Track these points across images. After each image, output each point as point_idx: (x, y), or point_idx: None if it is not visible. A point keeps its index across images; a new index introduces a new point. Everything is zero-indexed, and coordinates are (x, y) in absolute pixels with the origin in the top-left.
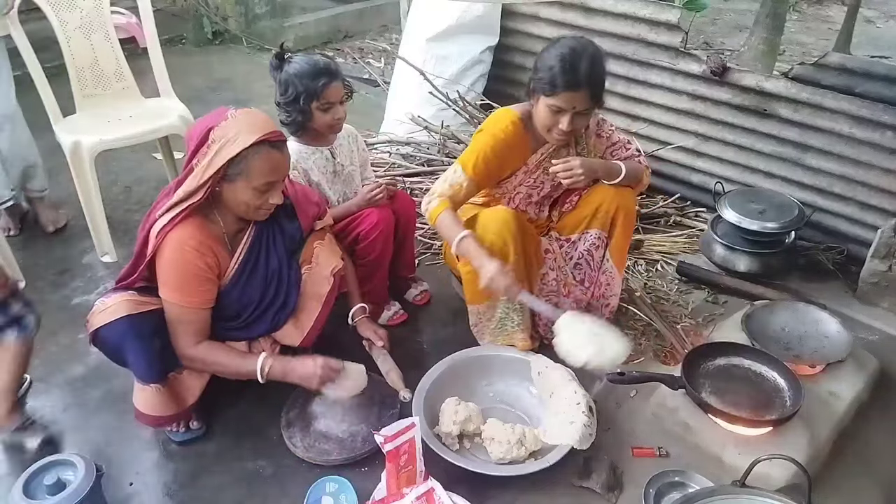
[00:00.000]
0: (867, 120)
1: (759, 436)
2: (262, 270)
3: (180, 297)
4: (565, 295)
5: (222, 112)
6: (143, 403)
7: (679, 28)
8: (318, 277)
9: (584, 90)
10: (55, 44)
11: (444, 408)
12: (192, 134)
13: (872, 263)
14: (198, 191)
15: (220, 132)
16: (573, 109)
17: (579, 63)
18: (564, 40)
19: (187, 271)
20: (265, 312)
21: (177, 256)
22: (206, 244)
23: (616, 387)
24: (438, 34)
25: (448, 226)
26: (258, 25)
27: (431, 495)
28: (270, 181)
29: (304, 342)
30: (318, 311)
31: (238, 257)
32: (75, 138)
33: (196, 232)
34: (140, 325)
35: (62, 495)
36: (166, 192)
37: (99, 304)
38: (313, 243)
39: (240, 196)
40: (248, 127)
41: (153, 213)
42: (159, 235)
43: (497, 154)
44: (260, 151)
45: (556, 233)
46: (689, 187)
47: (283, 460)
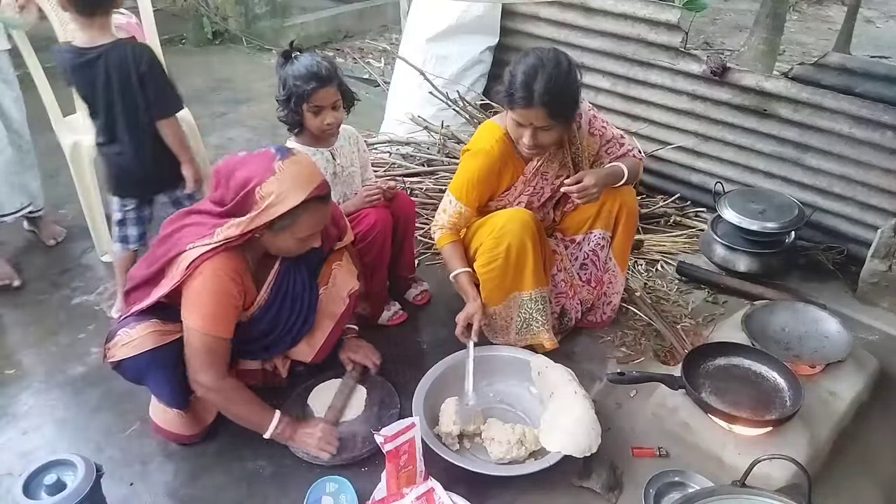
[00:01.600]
0: (867, 120)
1: (759, 436)
2: (289, 299)
3: (213, 327)
4: (571, 297)
5: (269, 161)
6: (164, 422)
7: (679, 28)
8: (335, 298)
9: (537, 108)
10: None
11: (444, 408)
12: (229, 174)
13: (872, 263)
14: (238, 239)
15: (269, 188)
16: (531, 125)
17: (534, 81)
18: (532, 54)
19: (223, 302)
20: (286, 335)
21: (213, 287)
22: (239, 274)
23: (616, 387)
24: (438, 34)
25: (450, 257)
26: (258, 25)
27: (431, 495)
28: (316, 232)
29: (315, 359)
30: (330, 330)
31: (266, 290)
32: (75, 138)
33: (229, 262)
34: (165, 357)
35: (62, 495)
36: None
37: (122, 335)
38: (332, 264)
39: (280, 244)
40: (298, 184)
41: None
42: (192, 264)
43: (485, 177)
44: (311, 208)
45: (559, 234)
46: (689, 187)
47: (282, 460)
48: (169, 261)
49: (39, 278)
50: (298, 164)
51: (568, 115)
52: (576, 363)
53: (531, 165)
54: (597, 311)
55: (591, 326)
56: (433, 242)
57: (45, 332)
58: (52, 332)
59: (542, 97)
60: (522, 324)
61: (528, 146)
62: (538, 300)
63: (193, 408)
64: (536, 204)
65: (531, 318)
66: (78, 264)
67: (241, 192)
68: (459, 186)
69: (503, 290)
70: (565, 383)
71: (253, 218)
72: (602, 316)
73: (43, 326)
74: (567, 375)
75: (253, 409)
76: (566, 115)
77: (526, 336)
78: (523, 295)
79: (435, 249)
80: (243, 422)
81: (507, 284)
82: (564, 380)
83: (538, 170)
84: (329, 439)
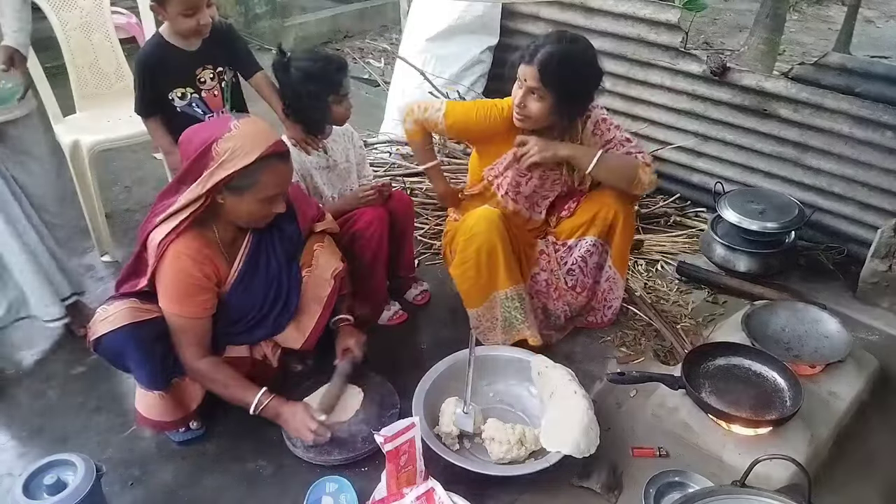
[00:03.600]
0: (867, 120)
1: (758, 436)
2: (263, 275)
3: (179, 308)
4: (555, 298)
5: (225, 122)
6: (145, 408)
7: (679, 28)
8: (319, 280)
9: (533, 67)
10: (55, 43)
11: (444, 408)
12: (190, 140)
13: (872, 263)
14: (197, 200)
15: (226, 144)
16: (525, 83)
17: (544, 45)
18: (563, 32)
19: (185, 283)
20: (266, 316)
21: (174, 269)
22: (204, 253)
23: (616, 387)
24: (438, 34)
25: (417, 149)
26: (258, 25)
27: (431, 495)
28: (277, 193)
29: (306, 345)
30: (318, 314)
31: (238, 264)
32: (75, 138)
33: (193, 242)
34: (142, 334)
35: (62, 495)
36: (163, 195)
37: (100, 311)
38: (313, 246)
39: (244, 207)
40: (256, 140)
41: (152, 219)
42: (159, 248)
43: (480, 119)
44: (269, 164)
45: (552, 237)
46: (689, 187)
47: (282, 460)
48: (143, 243)
49: None
50: (254, 123)
51: (563, 89)
52: (576, 363)
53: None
54: (597, 314)
55: (591, 327)
56: (433, 243)
57: (46, 331)
58: (53, 332)
59: (541, 58)
60: (505, 322)
61: (517, 104)
62: (514, 297)
63: (175, 392)
64: (524, 188)
65: (511, 316)
66: (78, 264)
67: (199, 151)
68: (455, 108)
69: (480, 289)
70: (565, 383)
71: (210, 175)
72: (602, 318)
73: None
74: (567, 375)
75: (237, 385)
76: (561, 89)
77: (511, 334)
78: (500, 293)
79: (435, 249)
80: (230, 398)
81: (482, 284)
82: (564, 380)
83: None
84: (308, 421)
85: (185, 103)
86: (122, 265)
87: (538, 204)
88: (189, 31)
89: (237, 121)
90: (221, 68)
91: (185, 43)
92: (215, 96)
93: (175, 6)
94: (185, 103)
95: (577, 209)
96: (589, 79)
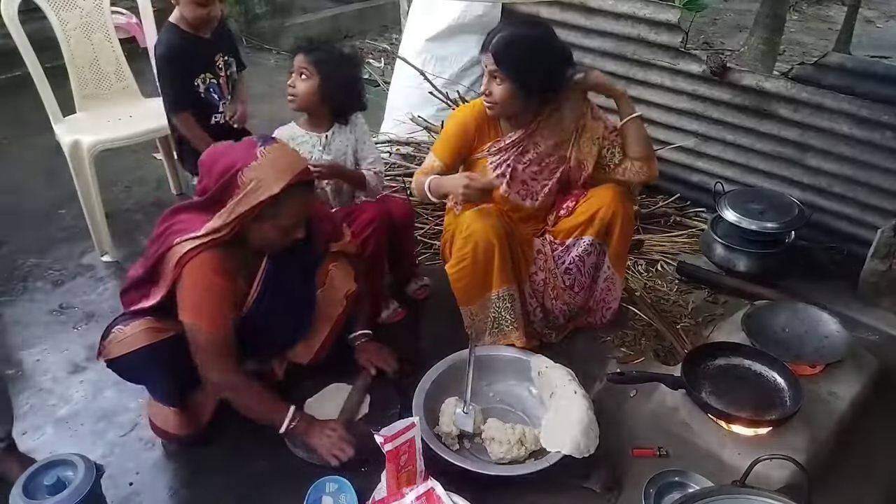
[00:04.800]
0: (867, 120)
1: (758, 436)
2: (280, 298)
3: (207, 322)
4: (553, 298)
5: (251, 148)
6: (160, 420)
7: (679, 28)
8: (332, 300)
9: (489, 53)
10: (55, 44)
11: (444, 408)
12: (214, 162)
13: (872, 263)
14: (223, 228)
15: (251, 174)
16: (486, 69)
17: (499, 32)
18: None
19: (213, 294)
20: (281, 335)
21: (202, 283)
22: (226, 268)
23: (616, 387)
24: (438, 34)
25: (418, 184)
26: (258, 25)
27: (431, 495)
28: (299, 221)
29: (313, 360)
30: (327, 332)
31: (257, 286)
32: (75, 138)
33: (216, 257)
34: (160, 354)
35: (62, 495)
36: (179, 210)
37: (117, 332)
38: (328, 266)
39: (265, 234)
40: (281, 170)
41: (168, 235)
42: (180, 261)
43: (458, 132)
44: (293, 195)
45: (550, 236)
46: (689, 187)
47: (283, 460)
48: (159, 258)
49: (40, 278)
50: (280, 151)
51: (519, 71)
52: (576, 363)
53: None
54: (595, 314)
55: (590, 327)
56: (433, 243)
57: (46, 332)
58: (53, 333)
59: (495, 44)
60: (493, 323)
61: (483, 91)
62: (505, 298)
63: (189, 406)
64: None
65: (500, 317)
66: (78, 264)
67: (224, 178)
68: (440, 142)
69: (475, 288)
70: (565, 383)
71: (235, 205)
72: (601, 319)
73: (43, 326)
74: (567, 375)
75: (266, 404)
76: (517, 70)
77: (498, 336)
78: (491, 293)
79: (435, 249)
80: (257, 417)
81: (477, 283)
82: (564, 380)
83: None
84: (344, 445)
85: (205, 88)
86: (121, 265)
87: (534, 191)
88: (200, 20)
89: (264, 147)
90: (227, 57)
91: (200, 31)
92: (224, 83)
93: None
94: (205, 88)
95: (575, 208)
96: (547, 58)
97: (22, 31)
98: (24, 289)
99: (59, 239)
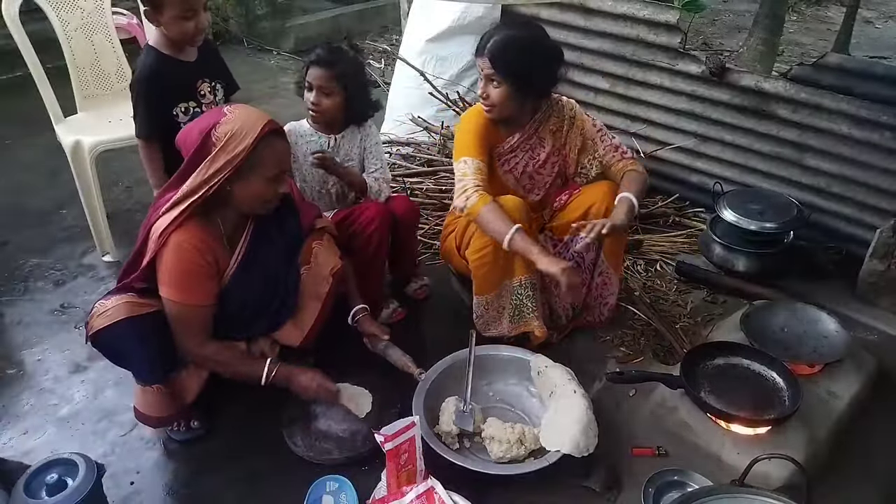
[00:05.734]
0: (866, 120)
1: (757, 435)
2: (261, 269)
3: (181, 295)
4: (557, 295)
5: (218, 111)
6: (143, 404)
7: (678, 29)
8: (317, 278)
9: (485, 57)
10: (56, 44)
11: (444, 407)
12: (185, 138)
13: (871, 263)
14: (201, 187)
15: (224, 128)
16: (482, 73)
17: (493, 35)
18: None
19: (188, 269)
20: (264, 311)
21: (177, 255)
22: (206, 242)
23: (615, 386)
24: (438, 35)
25: (495, 218)
26: (258, 26)
27: (431, 494)
28: (283, 170)
29: (304, 342)
30: (317, 311)
31: (237, 255)
32: (76, 138)
33: (195, 231)
34: (140, 327)
35: (63, 494)
36: (164, 190)
37: (98, 306)
38: (312, 243)
39: (253, 190)
40: (252, 120)
41: (154, 214)
42: (160, 237)
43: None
44: (269, 142)
45: (549, 232)
46: (688, 187)
47: (283, 459)
48: (145, 238)
49: (41, 278)
50: (246, 108)
51: (516, 73)
52: (575, 363)
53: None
54: (594, 311)
55: (589, 326)
56: (433, 243)
57: (47, 331)
58: (54, 332)
59: (491, 47)
60: (514, 311)
61: (480, 95)
62: (527, 286)
63: (172, 387)
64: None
65: (522, 305)
66: (79, 264)
67: (197, 142)
68: (465, 145)
69: (495, 276)
70: (565, 383)
71: (211, 161)
72: (600, 316)
73: (44, 326)
74: (566, 375)
75: (244, 362)
76: (514, 72)
77: (518, 324)
78: (513, 281)
79: (435, 249)
80: (241, 374)
81: (498, 271)
82: (564, 379)
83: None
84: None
85: (187, 118)
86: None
87: (539, 185)
88: (186, 35)
89: (229, 107)
90: (215, 82)
91: (182, 54)
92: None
93: (173, 8)
94: (187, 118)
95: (569, 202)
96: (542, 58)
97: (23, 31)
98: (26, 289)
99: (61, 239)
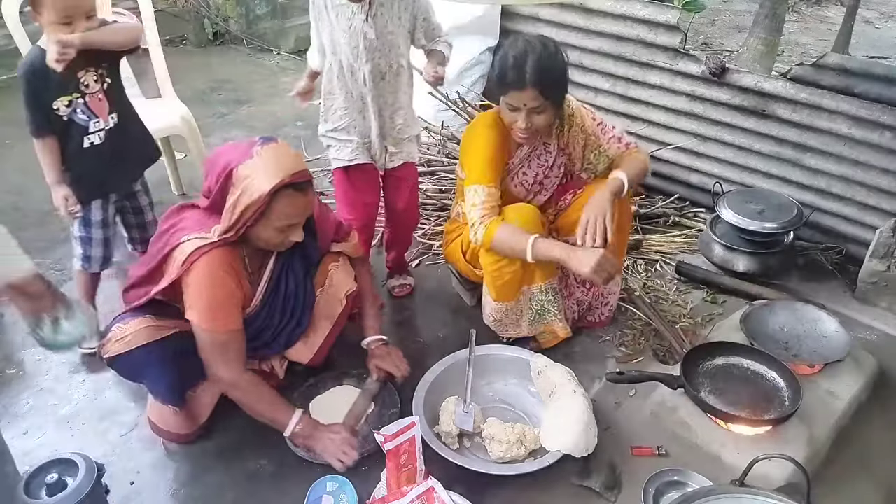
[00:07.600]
0: (866, 120)
1: (757, 435)
2: (282, 297)
3: (217, 323)
4: (567, 297)
5: (249, 147)
6: (160, 419)
7: (678, 29)
8: (332, 299)
9: (530, 89)
10: None
11: (444, 407)
12: (214, 162)
13: (871, 263)
14: (231, 230)
15: (245, 171)
16: (525, 107)
17: (525, 62)
18: (520, 39)
19: (222, 294)
20: (280, 334)
21: (210, 282)
22: (234, 268)
23: (615, 386)
24: None
25: (510, 237)
26: (259, 26)
27: (431, 494)
28: (292, 223)
29: (314, 361)
30: (328, 332)
31: (263, 288)
32: None
33: (224, 257)
34: (160, 353)
35: (63, 494)
36: (177, 210)
37: (116, 330)
38: (328, 265)
39: (261, 234)
40: (272, 170)
41: (173, 232)
42: (188, 260)
43: (496, 149)
44: (283, 195)
45: (555, 233)
46: (688, 187)
47: (283, 459)
48: (165, 257)
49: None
50: (275, 151)
51: (559, 96)
52: (575, 363)
53: (518, 155)
54: (595, 311)
55: (590, 326)
56: (433, 243)
57: None
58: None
59: (533, 77)
60: (535, 315)
61: (523, 129)
62: (549, 291)
63: (189, 406)
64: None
65: (544, 309)
66: None
67: (222, 176)
68: (479, 172)
69: (515, 284)
70: (565, 383)
71: (233, 205)
72: (600, 316)
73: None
74: (566, 375)
75: (272, 405)
76: (557, 95)
77: (539, 325)
78: (534, 288)
79: (436, 249)
80: (263, 418)
81: (517, 279)
82: (564, 379)
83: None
84: (348, 449)
85: (70, 110)
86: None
87: (546, 187)
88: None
89: (261, 147)
90: (102, 70)
91: None
92: (100, 100)
93: (49, 13)
94: (70, 110)
95: (572, 202)
96: (566, 69)
97: (23, 30)
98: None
99: (61, 239)
